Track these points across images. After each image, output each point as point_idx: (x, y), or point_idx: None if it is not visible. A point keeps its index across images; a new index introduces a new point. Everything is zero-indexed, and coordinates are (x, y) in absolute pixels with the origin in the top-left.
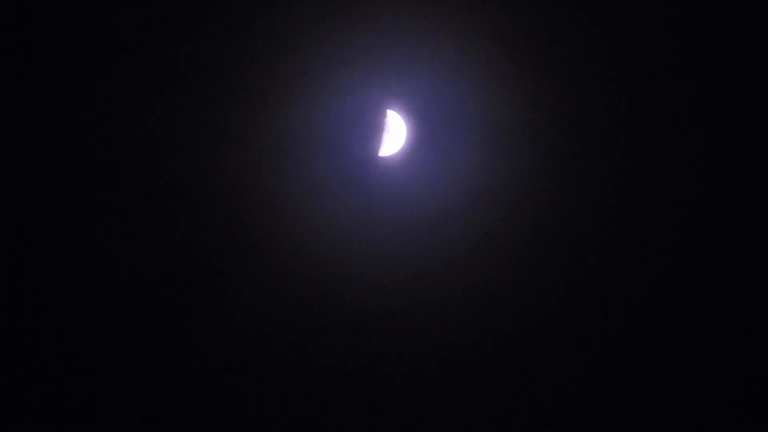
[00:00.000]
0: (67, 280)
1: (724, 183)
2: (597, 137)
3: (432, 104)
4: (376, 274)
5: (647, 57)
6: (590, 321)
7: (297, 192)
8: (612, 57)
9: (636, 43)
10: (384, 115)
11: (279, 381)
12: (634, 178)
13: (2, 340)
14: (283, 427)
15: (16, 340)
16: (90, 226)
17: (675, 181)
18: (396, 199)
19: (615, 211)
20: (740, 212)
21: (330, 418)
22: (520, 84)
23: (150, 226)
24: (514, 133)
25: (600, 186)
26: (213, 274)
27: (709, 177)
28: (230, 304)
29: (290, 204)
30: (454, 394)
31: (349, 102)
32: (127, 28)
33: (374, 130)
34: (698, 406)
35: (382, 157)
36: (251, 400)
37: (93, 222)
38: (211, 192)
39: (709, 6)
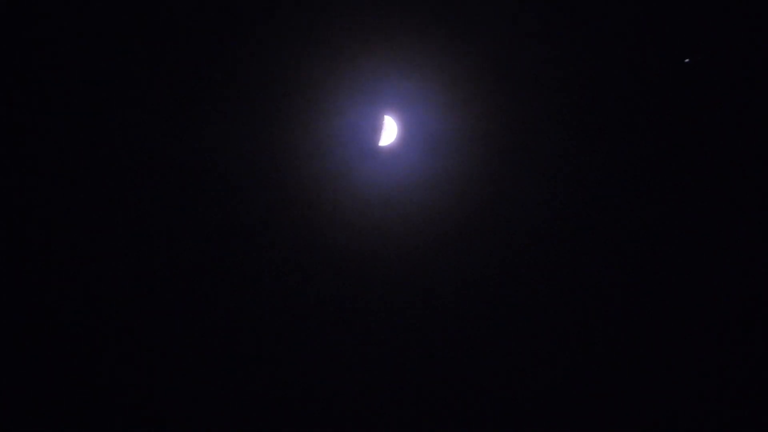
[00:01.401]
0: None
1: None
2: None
3: (418, 108)
4: (373, 227)
5: (614, 74)
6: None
7: (318, 172)
8: (580, 79)
9: (603, 62)
10: (382, 117)
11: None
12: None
13: (80, 316)
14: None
15: (80, 319)
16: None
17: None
18: (390, 178)
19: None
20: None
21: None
22: (492, 96)
23: (203, 205)
24: (483, 135)
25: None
26: (249, 236)
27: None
28: (261, 255)
29: (314, 181)
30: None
31: (356, 107)
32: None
33: (375, 128)
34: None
35: (380, 148)
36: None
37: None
38: (253, 176)
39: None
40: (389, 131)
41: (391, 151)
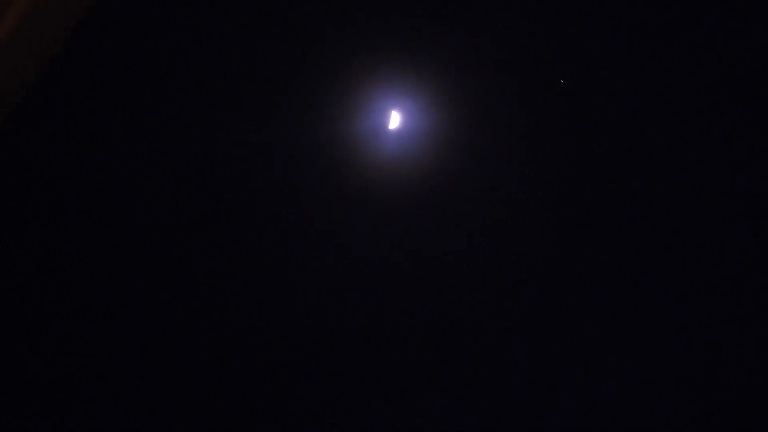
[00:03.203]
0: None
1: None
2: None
3: (417, 102)
4: (382, 183)
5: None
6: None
7: (344, 147)
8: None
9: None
10: (390, 109)
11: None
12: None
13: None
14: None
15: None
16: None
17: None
18: (396, 152)
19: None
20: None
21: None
22: (475, 91)
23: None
24: (460, 121)
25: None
26: (295, 193)
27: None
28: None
29: (341, 152)
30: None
31: (371, 103)
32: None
33: (384, 117)
34: None
35: (388, 131)
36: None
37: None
38: (302, 152)
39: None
40: (395, 119)
41: (396, 133)
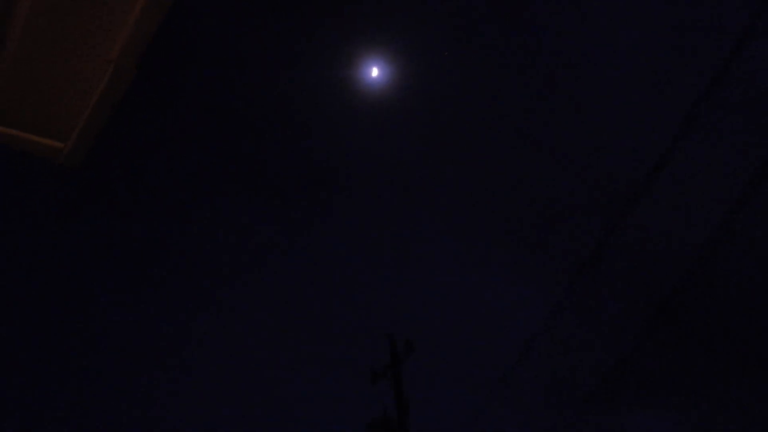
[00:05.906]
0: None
1: None
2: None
3: (394, 60)
4: (369, 114)
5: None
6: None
7: (341, 92)
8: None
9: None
10: (372, 65)
11: None
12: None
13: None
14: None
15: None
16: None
17: None
18: (378, 92)
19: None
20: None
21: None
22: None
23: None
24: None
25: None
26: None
27: None
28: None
29: (336, 99)
30: None
31: (359, 60)
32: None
33: (368, 71)
34: None
35: (372, 79)
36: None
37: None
38: (311, 101)
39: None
40: (376, 72)
41: (375, 80)
